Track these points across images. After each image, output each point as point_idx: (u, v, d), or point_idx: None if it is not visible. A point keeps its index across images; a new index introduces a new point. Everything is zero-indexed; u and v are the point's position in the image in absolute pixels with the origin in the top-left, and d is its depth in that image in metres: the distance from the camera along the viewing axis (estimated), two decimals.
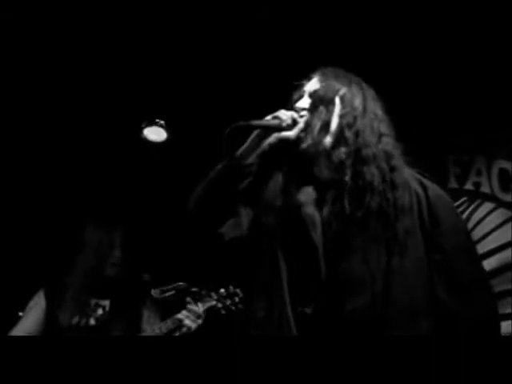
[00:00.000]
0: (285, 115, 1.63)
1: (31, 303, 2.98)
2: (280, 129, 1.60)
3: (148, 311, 2.99)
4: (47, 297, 2.91)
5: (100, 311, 2.92)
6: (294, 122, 1.63)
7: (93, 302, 2.92)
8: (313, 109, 1.66)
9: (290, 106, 1.69)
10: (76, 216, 3.65)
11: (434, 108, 3.63)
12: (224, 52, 3.48)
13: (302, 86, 1.74)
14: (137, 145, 4.35)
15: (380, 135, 1.65)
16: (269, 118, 1.63)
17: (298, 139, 1.62)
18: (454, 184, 3.83)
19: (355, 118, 1.64)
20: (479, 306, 1.49)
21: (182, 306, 2.89)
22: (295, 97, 1.73)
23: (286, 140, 1.62)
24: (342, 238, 1.50)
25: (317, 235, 1.54)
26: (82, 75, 3.68)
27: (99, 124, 4.14)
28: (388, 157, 1.62)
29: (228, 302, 2.95)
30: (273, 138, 1.62)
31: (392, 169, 1.61)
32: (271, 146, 1.63)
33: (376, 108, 1.70)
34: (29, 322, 2.88)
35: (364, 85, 1.74)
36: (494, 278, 3.37)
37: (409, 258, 1.50)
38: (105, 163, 4.41)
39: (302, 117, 1.65)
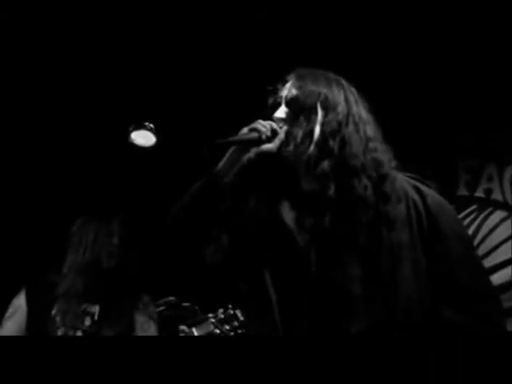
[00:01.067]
0: (263, 127, 1.55)
1: (10, 309, 2.69)
2: (259, 142, 1.54)
3: (141, 316, 2.77)
4: (29, 301, 2.64)
5: (88, 321, 2.69)
6: (274, 134, 1.55)
7: (81, 308, 2.67)
8: (293, 118, 1.58)
9: (267, 114, 1.62)
10: (61, 213, 3.52)
11: (443, 112, 3.56)
12: (218, 53, 3.46)
13: (276, 90, 1.65)
14: (123, 149, 4.28)
15: (367, 140, 1.57)
16: (246, 130, 1.56)
17: (279, 151, 1.55)
18: (463, 191, 3.71)
19: (339, 124, 1.56)
20: (485, 322, 1.41)
21: (174, 322, 2.73)
22: (271, 103, 1.65)
23: (266, 154, 1.55)
24: (328, 255, 1.45)
25: (304, 250, 1.49)
26: (72, 75, 3.67)
27: (86, 126, 4.08)
28: (377, 165, 1.54)
29: (226, 328, 2.72)
30: (252, 153, 1.55)
31: (382, 178, 1.53)
32: (250, 161, 1.56)
33: (360, 109, 1.62)
34: (7, 333, 2.58)
35: (345, 84, 1.65)
36: (505, 293, 3.24)
37: (405, 273, 1.43)
38: (90, 167, 4.34)
39: (281, 127, 1.57)
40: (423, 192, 1.55)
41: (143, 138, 4.25)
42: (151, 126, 4.17)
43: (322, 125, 1.56)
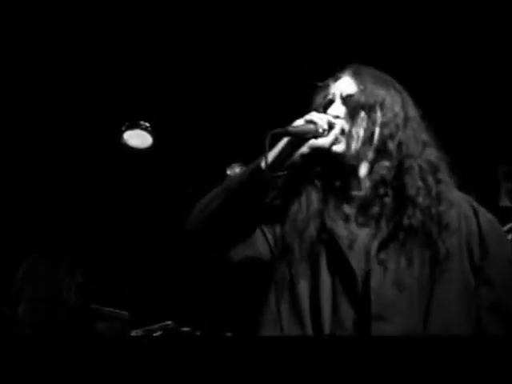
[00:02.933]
0: (320, 119, 1.52)
1: None
2: (316, 135, 1.51)
3: None
4: None
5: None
6: (330, 127, 1.53)
7: None
8: (352, 116, 1.56)
9: (314, 109, 1.59)
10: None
11: (480, 113, 3.45)
12: (217, 53, 3.45)
13: (327, 86, 1.64)
14: (116, 151, 4.15)
15: (424, 145, 1.57)
16: (301, 121, 1.53)
17: (333, 149, 1.54)
18: (506, 201, 3.43)
19: (397, 127, 1.56)
20: None
21: None
22: (320, 99, 1.64)
23: (320, 149, 1.53)
24: (381, 261, 1.43)
25: (354, 258, 1.45)
26: (57, 71, 3.59)
27: (73, 125, 3.95)
28: (434, 169, 1.54)
29: None
30: (306, 147, 1.53)
31: (438, 182, 1.53)
32: (304, 156, 1.54)
33: (416, 114, 1.62)
34: None
35: (400, 87, 1.65)
36: None
37: (452, 285, 1.43)
38: (78, 171, 4.21)
39: (337, 123, 1.55)
40: (476, 208, 1.54)
41: (138, 138, 4.13)
42: (147, 124, 4.05)
43: (381, 126, 1.56)
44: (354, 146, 1.54)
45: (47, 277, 2.72)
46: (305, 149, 1.52)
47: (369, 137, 1.55)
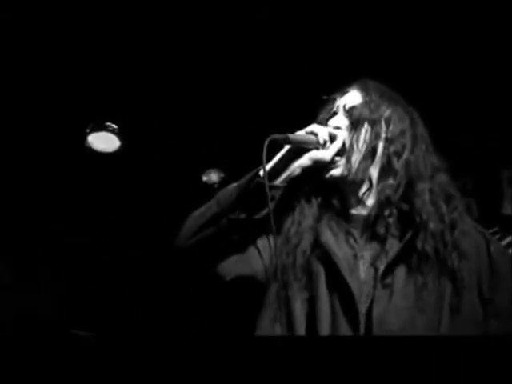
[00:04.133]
0: (321, 131, 1.53)
1: None
2: (317, 147, 1.52)
3: None
4: None
5: None
6: (332, 139, 1.54)
7: None
8: (354, 128, 1.56)
9: (317, 123, 1.60)
10: None
11: (482, 113, 3.36)
12: (192, 50, 3.37)
13: (334, 100, 1.65)
14: (78, 155, 4.00)
15: (434, 168, 1.55)
16: (302, 132, 1.53)
17: (333, 162, 1.54)
18: (509, 209, 3.26)
19: (404, 145, 1.55)
20: None
21: None
22: (325, 114, 1.64)
23: (320, 162, 1.54)
24: (386, 285, 1.42)
25: (355, 281, 1.44)
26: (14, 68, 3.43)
27: (33, 127, 3.80)
28: (446, 195, 1.54)
29: None
30: (306, 159, 1.52)
31: (451, 209, 1.52)
32: (304, 169, 1.53)
33: (425, 135, 1.61)
34: None
35: (410, 108, 1.65)
36: None
37: (464, 316, 1.44)
38: (37, 177, 4.08)
39: (339, 135, 1.56)
40: (489, 239, 1.55)
41: (104, 141, 3.99)
42: (114, 126, 3.91)
43: (386, 142, 1.56)
44: (355, 159, 1.52)
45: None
46: (305, 160, 1.51)
47: (370, 151, 1.53)
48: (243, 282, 1.56)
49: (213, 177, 3.95)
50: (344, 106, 1.60)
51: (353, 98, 1.62)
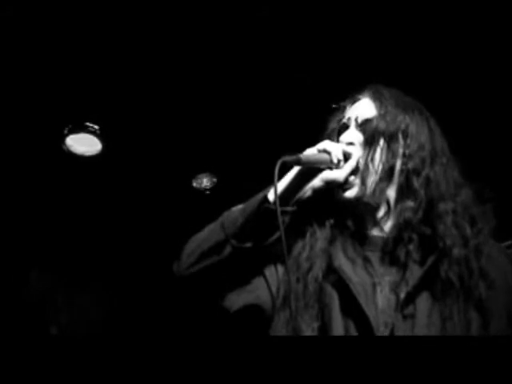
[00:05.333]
0: (334, 148, 1.48)
1: None
2: (330, 167, 1.49)
3: None
4: None
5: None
6: (346, 158, 1.49)
7: None
8: (369, 145, 1.50)
9: (327, 135, 1.60)
10: None
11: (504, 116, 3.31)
12: (176, 49, 3.30)
13: (344, 109, 1.61)
14: (56, 159, 3.86)
15: (456, 185, 1.50)
16: (313, 150, 1.49)
17: (347, 182, 1.51)
18: None
19: (423, 161, 1.50)
20: None
21: None
22: (335, 124, 1.61)
23: (334, 183, 1.51)
24: (407, 315, 1.39)
25: (372, 310, 1.40)
26: None
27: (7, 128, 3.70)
28: (470, 216, 1.48)
29: None
30: (319, 180, 1.49)
31: (476, 232, 1.47)
32: (316, 191, 1.50)
33: (445, 147, 1.55)
34: None
35: (427, 113, 1.59)
36: None
37: None
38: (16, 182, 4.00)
39: (353, 153, 1.51)
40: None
41: (84, 143, 3.85)
42: (95, 127, 3.74)
43: (404, 159, 1.51)
44: (371, 180, 1.48)
45: None
46: (317, 181, 1.48)
47: (387, 171, 1.49)
48: (250, 312, 1.53)
49: (204, 182, 3.86)
50: (356, 119, 1.55)
51: (366, 108, 1.58)
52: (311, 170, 1.48)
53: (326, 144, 1.48)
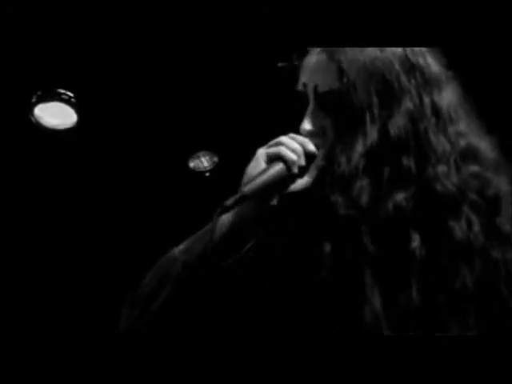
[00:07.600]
0: (293, 152, 1.27)
1: None
2: (291, 177, 1.30)
3: None
4: None
5: None
6: (310, 159, 1.29)
7: None
8: (333, 129, 1.30)
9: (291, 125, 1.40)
10: None
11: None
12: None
13: (293, 68, 1.39)
14: (23, 131, 3.61)
15: (461, 149, 1.26)
16: (264, 157, 1.28)
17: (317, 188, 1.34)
18: None
19: (412, 122, 1.27)
20: None
21: None
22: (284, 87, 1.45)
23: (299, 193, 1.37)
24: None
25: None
26: None
27: None
28: (483, 184, 1.26)
29: None
30: (275, 201, 1.34)
31: (495, 205, 1.26)
32: (274, 209, 1.35)
33: (442, 92, 1.31)
34: None
35: (409, 51, 1.35)
36: None
37: None
38: None
39: (317, 147, 1.31)
40: None
41: (56, 114, 3.59)
42: (69, 95, 3.48)
43: (385, 133, 1.27)
44: (344, 171, 1.28)
45: None
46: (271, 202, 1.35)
47: (364, 154, 1.27)
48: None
49: (202, 162, 3.64)
50: (316, 89, 1.32)
51: (325, 71, 1.36)
52: (268, 194, 1.28)
53: (279, 147, 1.26)
